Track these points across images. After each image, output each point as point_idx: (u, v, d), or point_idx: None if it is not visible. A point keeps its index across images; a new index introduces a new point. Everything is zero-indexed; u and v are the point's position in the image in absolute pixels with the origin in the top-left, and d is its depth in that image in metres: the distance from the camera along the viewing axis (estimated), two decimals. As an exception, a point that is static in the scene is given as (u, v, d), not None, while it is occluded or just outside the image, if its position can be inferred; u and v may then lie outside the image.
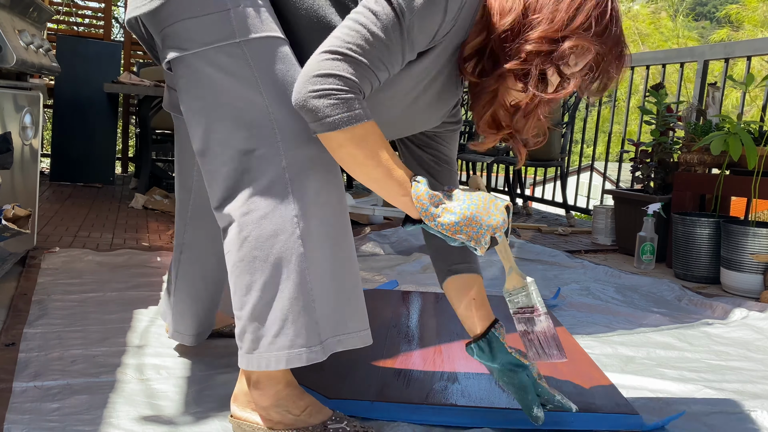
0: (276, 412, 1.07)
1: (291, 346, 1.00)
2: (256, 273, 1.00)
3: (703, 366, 1.63)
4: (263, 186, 0.99)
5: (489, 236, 1.02)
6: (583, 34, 1.01)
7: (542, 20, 1.01)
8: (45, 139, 7.09)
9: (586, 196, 4.78)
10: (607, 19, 1.03)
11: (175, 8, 0.99)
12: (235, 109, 1.00)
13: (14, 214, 1.44)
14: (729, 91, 10.19)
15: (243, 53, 0.99)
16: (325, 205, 1.01)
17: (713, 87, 3.10)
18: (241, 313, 1.03)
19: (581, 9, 1.01)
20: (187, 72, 1.02)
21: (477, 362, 1.44)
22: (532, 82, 1.03)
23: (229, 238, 1.02)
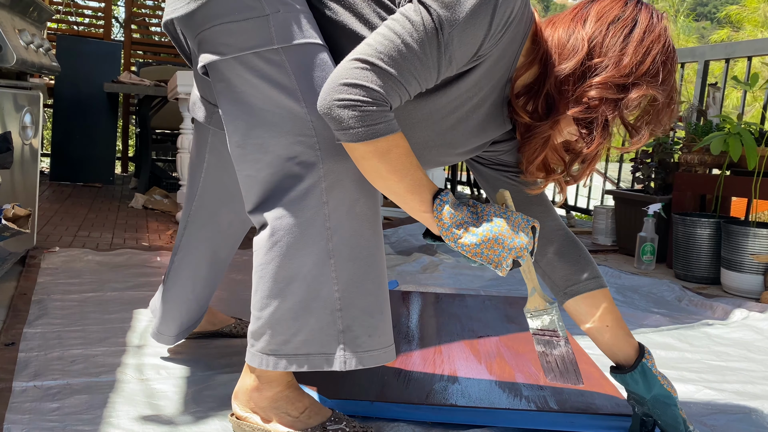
0: (275, 413, 1.07)
1: (314, 351, 1.00)
2: (281, 280, 0.99)
3: (703, 366, 1.63)
4: (299, 194, 0.97)
5: (511, 259, 0.98)
6: (651, 82, 0.97)
7: (610, 64, 0.96)
8: (45, 138, 7.10)
9: (587, 196, 4.78)
10: (669, 66, 0.99)
11: (213, 12, 0.97)
12: (274, 115, 0.97)
13: (14, 214, 1.44)
14: (729, 92, 10.18)
15: (282, 60, 0.97)
16: (360, 217, 0.99)
17: (714, 87, 3.10)
18: (261, 314, 1.02)
19: (648, 54, 0.97)
20: (225, 77, 1.00)
21: (477, 362, 1.45)
22: (598, 130, 0.98)
23: (261, 238, 1.01)
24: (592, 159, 1.06)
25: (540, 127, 1.04)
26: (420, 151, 1.08)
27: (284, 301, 0.99)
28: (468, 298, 2.05)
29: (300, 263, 0.98)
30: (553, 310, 1.08)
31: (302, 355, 1.00)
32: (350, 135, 0.90)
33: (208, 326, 1.59)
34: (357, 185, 0.98)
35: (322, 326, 0.99)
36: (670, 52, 0.99)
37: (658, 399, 1.11)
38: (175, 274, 1.39)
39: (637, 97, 0.96)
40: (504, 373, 1.39)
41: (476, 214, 0.99)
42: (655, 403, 1.12)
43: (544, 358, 1.11)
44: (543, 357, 1.11)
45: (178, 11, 1.01)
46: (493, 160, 1.23)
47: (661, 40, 0.98)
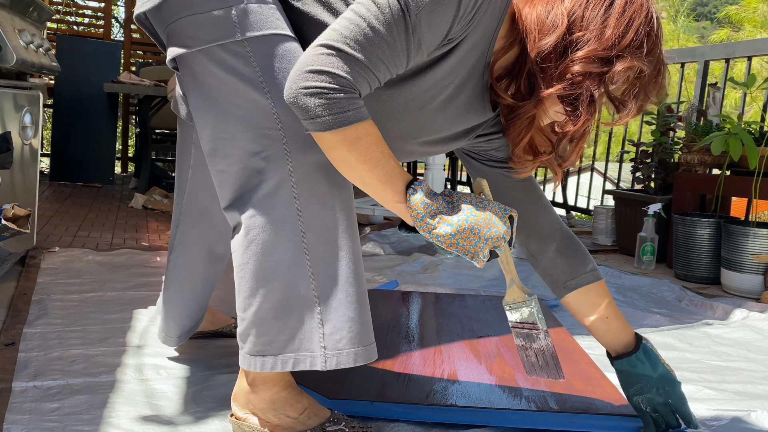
0: (273, 414, 1.07)
1: (297, 350, 0.99)
2: (260, 279, 0.98)
3: (703, 366, 1.63)
4: (270, 189, 0.96)
5: (488, 249, 0.95)
6: (636, 53, 0.95)
7: (591, 37, 0.94)
8: (45, 138, 7.10)
9: (587, 196, 4.78)
10: (653, 37, 0.97)
11: (178, 4, 0.97)
12: (241, 109, 0.96)
13: (14, 214, 1.44)
14: (729, 91, 10.18)
15: (247, 51, 0.95)
16: (333, 210, 0.98)
17: (714, 87, 3.10)
18: (244, 315, 1.01)
19: (631, 25, 0.94)
20: (192, 70, 0.99)
21: (477, 362, 1.44)
22: (583, 106, 0.96)
23: (237, 239, 1.00)
24: (581, 137, 1.03)
25: (523, 107, 1.02)
26: (401, 144, 1.07)
27: (265, 300, 0.98)
28: (468, 298, 2.05)
29: (277, 261, 0.96)
30: (532, 302, 1.04)
31: (286, 354, 0.99)
32: (318, 124, 0.87)
33: (209, 326, 1.59)
34: (328, 177, 0.97)
35: (303, 324, 0.98)
36: (654, 22, 0.97)
37: (664, 377, 1.12)
38: (172, 275, 1.38)
39: (622, 69, 0.94)
40: (504, 373, 1.39)
41: (451, 203, 0.96)
42: (663, 382, 1.12)
43: (523, 352, 1.08)
44: (522, 351, 1.08)
45: (147, 4, 1.00)
46: (486, 156, 1.21)
47: (644, 10, 0.96)
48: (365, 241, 2.97)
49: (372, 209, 3.38)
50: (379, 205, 3.74)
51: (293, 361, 0.99)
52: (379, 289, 2.12)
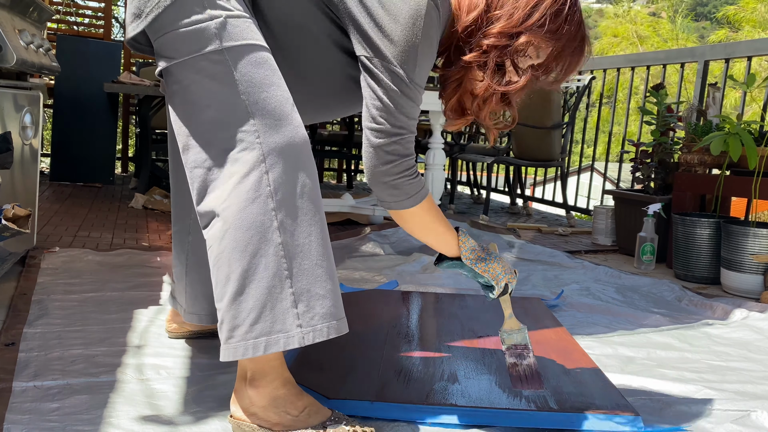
0: (274, 412, 1.07)
1: (269, 333, 1.02)
2: (234, 263, 1.03)
3: (703, 366, 1.63)
4: (243, 180, 1.03)
5: (504, 282, 1.27)
6: (537, 31, 1.13)
7: (502, 16, 1.13)
8: (45, 138, 7.10)
9: (587, 196, 4.78)
10: (562, 18, 1.14)
11: (165, 21, 1.07)
12: (217, 111, 1.05)
13: (14, 214, 1.44)
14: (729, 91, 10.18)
15: (225, 59, 1.05)
16: (302, 197, 1.06)
17: (713, 87, 3.10)
18: (221, 305, 1.05)
19: (538, 7, 1.13)
20: (175, 80, 1.08)
21: (477, 363, 1.45)
22: (489, 72, 1.15)
23: (212, 232, 1.06)
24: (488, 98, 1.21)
25: (450, 73, 1.21)
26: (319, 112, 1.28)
27: (241, 288, 1.03)
28: (468, 298, 2.05)
29: (251, 249, 1.03)
30: (524, 330, 1.31)
31: (264, 337, 1.02)
32: (412, 200, 1.17)
33: (209, 326, 1.59)
34: (296, 167, 1.06)
35: (279, 307, 1.03)
36: (563, 5, 1.14)
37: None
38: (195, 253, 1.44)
39: (522, 42, 1.13)
40: (504, 373, 1.39)
41: (482, 246, 1.28)
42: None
43: (513, 369, 1.27)
44: (513, 368, 1.27)
45: (137, 28, 1.10)
46: None
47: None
48: (365, 241, 2.97)
49: (372, 209, 3.38)
50: (378, 205, 3.74)
51: (272, 343, 1.02)
52: (379, 289, 2.12)
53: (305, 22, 1.16)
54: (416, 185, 1.17)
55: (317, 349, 1.47)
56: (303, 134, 1.08)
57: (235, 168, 1.04)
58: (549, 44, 1.15)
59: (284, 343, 1.02)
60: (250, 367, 1.08)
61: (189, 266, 1.46)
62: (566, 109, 4.21)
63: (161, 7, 1.06)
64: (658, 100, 3.11)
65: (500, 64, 1.15)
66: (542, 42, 1.14)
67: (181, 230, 1.45)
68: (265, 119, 1.05)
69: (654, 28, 17.76)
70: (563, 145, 4.11)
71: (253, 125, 1.04)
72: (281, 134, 1.05)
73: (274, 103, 1.06)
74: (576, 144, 12.14)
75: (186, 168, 1.10)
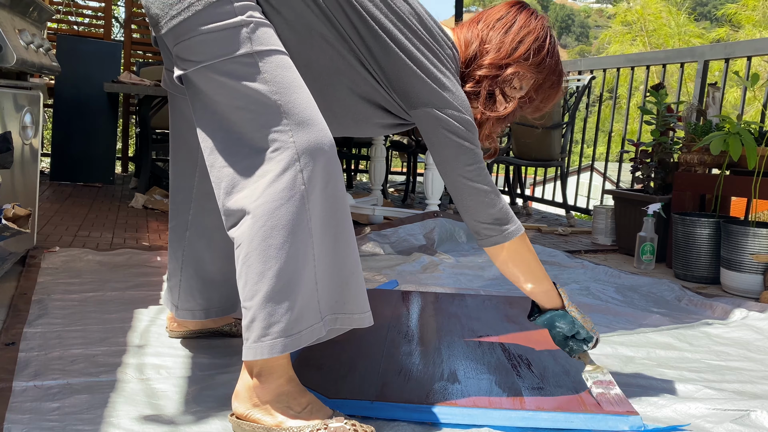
0: (277, 407, 1.08)
1: (300, 329, 1.05)
2: (269, 261, 1.03)
3: (703, 366, 1.63)
4: (277, 179, 1.04)
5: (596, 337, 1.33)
6: (522, 63, 1.28)
7: (491, 49, 1.28)
8: (45, 138, 7.10)
9: (586, 196, 4.78)
10: (544, 52, 1.30)
11: (193, 24, 1.07)
12: (250, 112, 1.06)
13: (14, 214, 1.44)
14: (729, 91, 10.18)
15: (255, 62, 1.07)
16: (332, 197, 1.08)
17: (713, 87, 3.10)
18: (251, 303, 1.04)
19: (523, 42, 1.28)
20: (202, 82, 1.09)
21: (477, 362, 1.45)
22: (481, 100, 1.28)
23: (241, 230, 1.05)
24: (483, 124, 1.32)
25: None
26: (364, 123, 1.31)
27: (273, 286, 1.03)
28: (468, 298, 2.05)
29: (288, 248, 1.04)
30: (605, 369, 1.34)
31: (294, 334, 1.04)
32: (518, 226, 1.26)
33: (209, 324, 1.59)
34: (327, 168, 1.08)
35: (307, 302, 1.05)
36: (544, 41, 1.30)
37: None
38: (191, 249, 1.46)
39: (510, 73, 1.28)
40: (504, 372, 1.39)
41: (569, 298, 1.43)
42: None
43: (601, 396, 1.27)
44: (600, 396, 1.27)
45: (170, 23, 1.09)
46: None
47: (535, 33, 1.30)
48: (365, 241, 2.97)
49: (372, 209, 3.38)
50: (379, 205, 3.73)
51: (300, 338, 1.05)
52: (379, 289, 2.12)
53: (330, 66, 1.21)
54: (511, 212, 1.26)
55: (317, 349, 1.48)
56: (330, 137, 1.10)
57: (269, 167, 1.05)
58: (532, 75, 1.30)
59: (313, 336, 1.06)
60: (258, 363, 1.08)
61: (185, 261, 1.46)
62: (566, 109, 4.21)
63: (192, 11, 1.06)
64: (658, 100, 3.11)
65: (491, 93, 1.29)
66: (527, 72, 1.29)
67: (178, 225, 1.46)
68: (297, 119, 1.06)
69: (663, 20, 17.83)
70: (563, 145, 4.12)
71: (287, 125, 1.06)
72: (313, 135, 1.06)
73: (303, 104, 1.08)
74: (576, 144, 12.13)
75: (212, 169, 1.10)
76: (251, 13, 1.09)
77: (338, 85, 1.23)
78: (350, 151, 5.09)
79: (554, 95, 1.35)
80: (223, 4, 1.06)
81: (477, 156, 1.22)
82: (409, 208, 4.22)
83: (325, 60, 1.19)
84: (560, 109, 4.08)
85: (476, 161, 1.22)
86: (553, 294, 1.31)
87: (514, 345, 1.59)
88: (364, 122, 1.29)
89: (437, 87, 1.20)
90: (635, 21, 17.96)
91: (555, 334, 1.34)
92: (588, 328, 1.32)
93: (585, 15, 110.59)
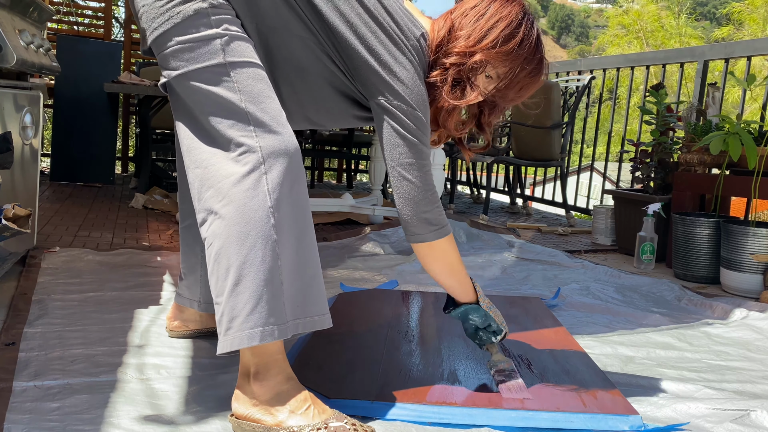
0: (277, 406, 1.08)
1: (264, 324, 1.07)
2: (232, 257, 1.08)
3: (702, 366, 1.63)
4: (242, 180, 1.09)
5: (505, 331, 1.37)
6: (490, 51, 1.24)
7: (460, 37, 1.26)
8: (45, 138, 7.10)
9: (586, 196, 4.78)
10: (515, 41, 1.25)
11: (171, 35, 1.14)
12: (220, 117, 1.12)
13: (14, 214, 1.44)
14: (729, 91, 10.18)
15: (227, 71, 1.13)
16: (296, 199, 1.12)
17: (713, 87, 3.10)
18: (221, 299, 1.09)
19: (492, 30, 1.25)
20: (180, 89, 1.16)
21: (477, 362, 1.45)
22: (446, 88, 1.26)
23: (211, 230, 1.11)
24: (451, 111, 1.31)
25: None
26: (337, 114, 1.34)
27: (238, 279, 1.07)
28: (468, 298, 2.04)
29: (249, 242, 1.08)
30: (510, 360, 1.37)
31: (259, 328, 1.07)
32: (444, 230, 1.27)
33: (210, 324, 1.59)
34: (292, 171, 1.12)
35: (272, 301, 1.08)
36: (516, 30, 1.25)
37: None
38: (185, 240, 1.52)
39: (476, 60, 1.24)
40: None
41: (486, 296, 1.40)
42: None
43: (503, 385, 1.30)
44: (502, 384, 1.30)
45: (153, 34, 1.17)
46: None
47: (507, 20, 1.25)
48: (365, 241, 2.97)
49: (372, 209, 3.38)
50: (379, 205, 3.73)
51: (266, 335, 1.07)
52: (379, 289, 2.12)
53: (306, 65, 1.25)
54: (444, 215, 1.28)
55: (317, 349, 1.48)
56: (296, 143, 1.15)
57: (235, 168, 1.10)
58: (504, 64, 1.26)
59: (279, 333, 1.07)
60: (253, 362, 1.10)
61: (182, 249, 1.53)
62: (566, 109, 4.21)
63: (171, 23, 1.14)
64: (658, 100, 3.11)
65: (458, 81, 1.26)
66: (496, 62, 1.26)
67: (193, 224, 1.51)
68: (264, 126, 1.12)
69: (660, 22, 17.84)
70: (563, 145, 4.12)
71: (254, 131, 1.11)
72: (278, 140, 1.12)
73: (271, 113, 1.13)
74: (576, 143, 12.12)
75: (188, 170, 1.16)
76: (227, 26, 1.15)
77: (316, 79, 1.27)
78: (350, 151, 5.08)
79: (532, 85, 1.32)
80: (201, 17, 1.13)
81: (420, 153, 1.23)
82: (409, 208, 4.21)
83: (303, 56, 1.24)
84: (560, 109, 4.08)
85: (418, 157, 1.23)
86: (468, 289, 1.34)
87: (514, 345, 1.59)
88: (344, 114, 1.34)
89: (390, 79, 1.21)
90: (631, 24, 17.97)
91: (467, 327, 1.37)
92: (498, 322, 1.35)
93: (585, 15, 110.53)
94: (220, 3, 1.15)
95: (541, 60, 1.30)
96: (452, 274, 1.31)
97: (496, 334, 1.36)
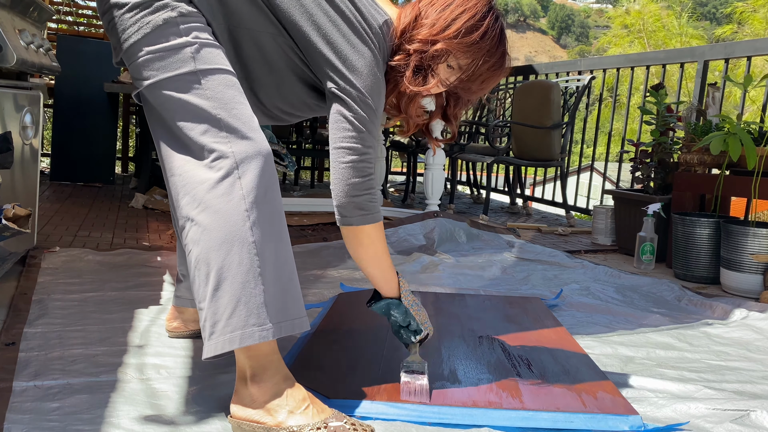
0: (276, 407, 1.08)
1: (244, 326, 1.07)
2: (211, 262, 1.09)
3: (702, 366, 1.63)
4: (216, 185, 1.10)
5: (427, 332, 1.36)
6: (451, 41, 1.25)
7: (425, 25, 1.26)
8: (45, 138, 7.09)
9: (586, 196, 4.78)
10: (477, 32, 1.26)
11: (142, 45, 1.15)
12: (192, 124, 1.14)
13: (14, 214, 1.44)
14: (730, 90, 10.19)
15: (198, 79, 1.15)
16: (270, 203, 1.13)
17: (713, 87, 3.10)
18: (203, 305, 1.10)
19: (456, 20, 1.25)
20: (152, 98, 1.18)
21: (477, 362, 1.45)
22: (408, 74, 1.27)
23: (191, 235, 1.12)
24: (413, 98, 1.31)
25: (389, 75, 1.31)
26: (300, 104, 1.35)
27: (218, 284, 1.08)
28: (468, 298, 2.05)
29: (226, 246, 1.09)
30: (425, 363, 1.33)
31: (239, 331, 1.07)
32: (373, 217, 1.27)
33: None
34: (264, 176, 1.13)
35: (252, 301, 1.08)
36: (480, 22, 1.26)
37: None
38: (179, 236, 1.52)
39: (438, 49, 1.25)
40: (504, 372, 1.39)
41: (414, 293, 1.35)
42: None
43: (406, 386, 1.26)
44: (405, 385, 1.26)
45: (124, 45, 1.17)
46: None
47: (472, 12, 1.26)
48: (365, 240, 2.97)
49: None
50: (380, 204, 3.74)
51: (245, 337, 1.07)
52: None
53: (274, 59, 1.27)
54: (378, 204, 1.29)
55: (317, 349, 1.48)
56: (269, 148, 1.16)
57: (209, 174, 1.11)
58: (465, 56, 1.27)
59: (259, 336, 1.08)
60: (249, 364, 1.10)
61: (179, 248, 1.53)
62: (566, 109, 4.21)
63: (141, 34, 1.15)
64: (658, 100, 3.11)
65: (419, 68, 1.27)
66: (458, 52, 1.26)
67: None
68: (236, 132, 1.13)
69: (662, 22, 17.86)
70: (563, 145, 4.12)
71: (226, 137, 1.13)
72: (251, 146, 1.13)
73: (243, 119, 1.15)
74: (576, 144, 12.12)
75: (166, 178, 1.19)
76: (197, 34, 1.16)
77: (285, 73, 1.29)
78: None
79: (494, 78, 1.32)
80: (170, 27, 1.14)
81: (363, 139, 1.24)
82: (409, 208, 4.22)
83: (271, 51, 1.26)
84: (560, 109, 4.08)
85: (361, 142, 1.23)
86: (392, 283, 1.34)
87: (514, 345, 1.59)
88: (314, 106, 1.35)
89: (343, 67, 1.22)
90: (633, 23, 17.99)
91: (392, 323, 1.38)
92: (419, 321, 1.35)
93: (585, 15, 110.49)
94: (189, 11, 1.17)
95: (503, 54, 1.31)
96: (377, 263, 1.31)
97: (416, 334, 1.35)
